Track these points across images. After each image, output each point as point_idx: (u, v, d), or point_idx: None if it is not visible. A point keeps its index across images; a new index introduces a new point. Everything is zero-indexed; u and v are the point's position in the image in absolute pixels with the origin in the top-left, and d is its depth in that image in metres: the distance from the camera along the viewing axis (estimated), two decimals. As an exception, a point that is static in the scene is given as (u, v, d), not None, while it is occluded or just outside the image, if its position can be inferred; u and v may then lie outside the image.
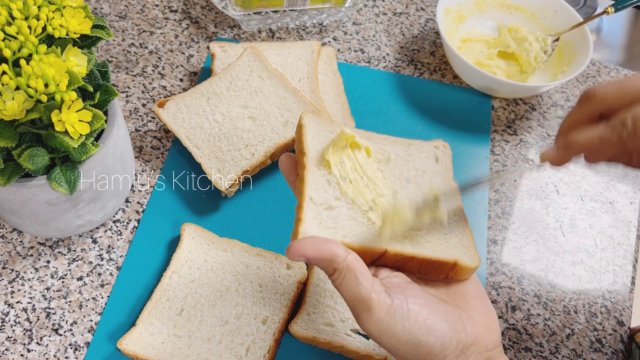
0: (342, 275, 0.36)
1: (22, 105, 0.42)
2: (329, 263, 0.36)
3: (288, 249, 0.36)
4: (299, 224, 0.39)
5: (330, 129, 0.45)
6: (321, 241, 0.36)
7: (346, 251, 0.37)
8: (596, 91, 0.40)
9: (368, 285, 0.36)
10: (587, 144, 0.39)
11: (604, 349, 0.57)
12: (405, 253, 0.40)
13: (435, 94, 0.74)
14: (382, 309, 0.36)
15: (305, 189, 0.41)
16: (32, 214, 0.51)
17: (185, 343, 0.51)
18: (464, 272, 0.41)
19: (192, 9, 0.79)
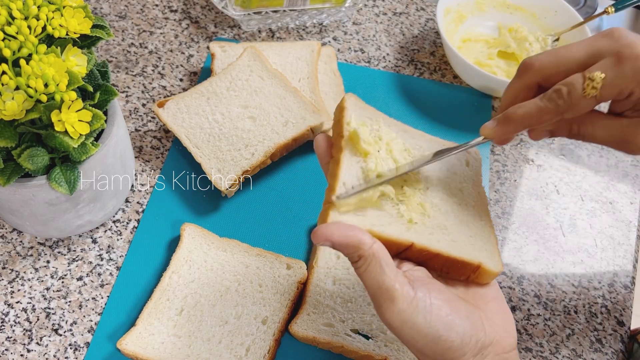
0: (367, 262, 0.36)
1: (22, 105, 0.42)
2: (355, 249, 0.36)
3: (314, 232, 0.36)
4: (329, 207, 0.38)
5: (371, 115, 0.44)
6: (348, 227, 0.36)
7: (372, 239, 0.36)
8: (533, 61, 0.41)
9: (392, 275, 0.36)
10: (525, 116, 0.40)
11: (604, 349, 0.57)
12: (431, 249, 0.39)
13: (435, 94, 0.74)
14: (405, 300, 0.36)
15: (339, 173, 0.40)
16: (32, 214, 0.51)
17: (185, 343, 0.51)
18: (485, 276, 0.41)
19: (192, 9, 0.79)
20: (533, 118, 0.40)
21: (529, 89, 0.42)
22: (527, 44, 0.73)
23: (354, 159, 0.41)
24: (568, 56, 0.40)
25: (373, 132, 0.43)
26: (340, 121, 0.42)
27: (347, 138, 0.41)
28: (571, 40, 0.74)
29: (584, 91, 0.38)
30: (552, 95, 0.39)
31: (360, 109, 0.44)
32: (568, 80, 0.38)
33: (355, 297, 0.54)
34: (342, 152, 0.41)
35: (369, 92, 0.73)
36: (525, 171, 0.68)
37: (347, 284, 0.55)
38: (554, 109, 0.39)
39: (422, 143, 0.46)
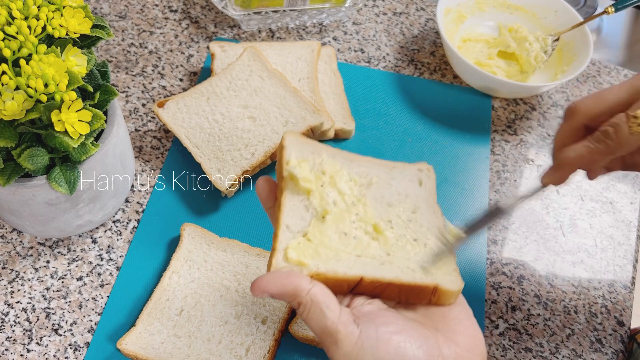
0: (307, 308, 0.36)
1: (22, 105, 0.42)
2: (293, 297, 0.36)
3: (252, 286, 0.36)
4: (272, 255, 0.38)
5: (314, 150, 0.43)
6: (284, 275, 0.36)
7: (310, 283, 0.36)
8: (577, 105, 0.43)
9: (334, 317, 0.35)
10: (577, 158, 0.42)
11: (604, 349, 0.57)
12: (382, 280, 0.38)
13: (435, 94, 0.74)
14: (349, 341, 0.35)
15: (281, 216, 0.39)
16: (31, 214, 0.51)
17: (185, 343, 0.51)
18: (446, 297, 0.40)
19: (192, 9, 0.79)
20: (585, 159, 0.42)
21: (577, 131, 0.43)
22: (527, 44, 0.73)
23: (297, 198, 0.40)
24: (610, 97, 0.41)
25: (316, 166, 0.42)
26: (281, 161, 0.41)
27: (287, 178, 0.40)
28: (571, 40, 0.74)
29: (630, 129, 0.39)
30: (599, 137, 0.40)
31: (302, 144, 0.42)
32: (613, 121, 0.40)
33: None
34: (283, 193, 0.40)
35: (369, 92, 0.73)
36: (525, 171, 0.68)
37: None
38: (604, 149, 0.40)
39: (369, 170, 0.44)
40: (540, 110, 0.74)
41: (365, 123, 0.70)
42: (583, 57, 0.70)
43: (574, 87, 0.77)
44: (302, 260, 0.37)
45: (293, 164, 0.41)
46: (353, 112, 0.70)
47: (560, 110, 0.74)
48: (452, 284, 0.39)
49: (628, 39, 0.95)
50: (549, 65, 0.75)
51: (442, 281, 0.39)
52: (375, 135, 0.69)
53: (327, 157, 0.43)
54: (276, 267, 0.37)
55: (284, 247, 0.38)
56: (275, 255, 0.38)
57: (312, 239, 0.39)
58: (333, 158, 0.43)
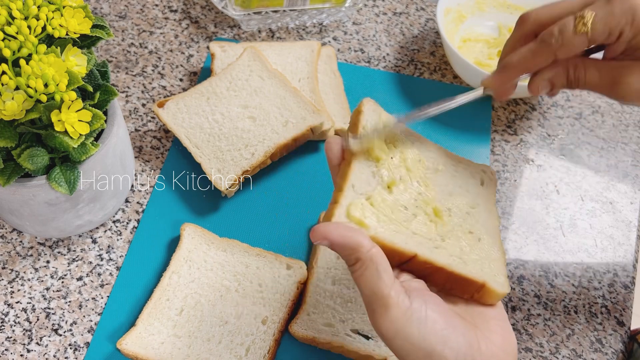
0: (364, 266, 0.35)
1: (22, 105, 0.42)
2: (352, 251, 0.35)
3: (313, 229, 0.35)
4: (335, 207, 0.38)
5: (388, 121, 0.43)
6: (348, 228, 0.35)
7: (371, 243, 0.35)
8: (529, 13, 0.43)
9: (389, 282, 0.35)
10: (521, 60, 0.42)
11: (604, 349, 0.57)
12: (435, 262, 0.38)
13: (435, 94, 0.74)
14: (399, 308, 0.35)
15: (349, 175, 0.39)
16: (31, 214, 0.51)
17: (185, 343, 0.51)
18: (490, 297, 0.40)
19: (192, 9, 0.79)
20: (529, 61, 0.41)
21: (526, 38, 0.43)
22: (527, 44, 0.73)
23: (366, 163, 0.41)
24: (563, 5, 0.41)
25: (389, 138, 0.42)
26: (356, 124, 0.42)
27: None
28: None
29: (575, 28, 0.39)
30: (544, 36, 0.40)
31: (378, 114, 0.43)
32: (560, 21, 0.40)
33: (356, 297, 0.54)
34: (355, 155, 0.40)
35: (369, 92, 0.73)
36: (525, 171, 0.68)
37: (347, 284, 0.55)
38: (547, 49, 0.40)
39: (437, 156, 0.45)
40: (540, 110, 0.74)
41: (365, 123, 0.70)
42: (583, 57, 0.70)
43: (574, 87, 0.77)
44: (363, 221, 0.37)
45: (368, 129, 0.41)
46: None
47: (561, 110, 0.74)
48: (500, 286, 0.40)
49: (628, 39, 0.95)
50: (549, 65, 0.75)
51: (491, 281, 0.39)
52: (375, 135, 0.69)
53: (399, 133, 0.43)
54: (337, 220, 0.37)
55: (348, 203, 0.38)
56: (338, 208, 0.37)
57: (375, 205, 0.39)
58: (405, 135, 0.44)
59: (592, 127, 0.72)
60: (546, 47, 0.40)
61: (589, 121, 0.73)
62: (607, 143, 0.71)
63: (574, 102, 0.75)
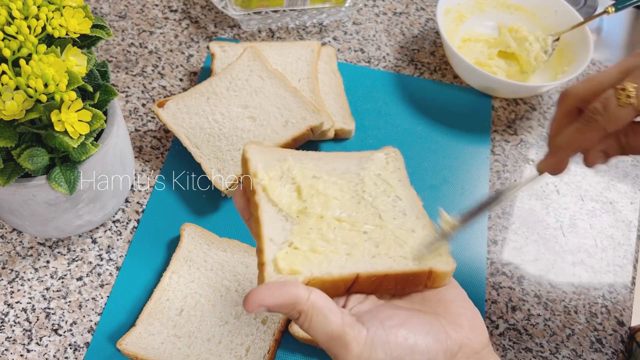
0: (309, 317, 0.34)
1: (22, 105, 0.42)
2: (292, 307, 0.34)
3: (245, 301, 0.33)
4: (262, 269, 0.36)
5: (279, 156, 0.42)
6: (279, 286, 0.34)
7: (308, 290, 0.34)
8: (568, 89, 0.43)
9: (338, 321, 0.34)
10: (570, 140, 0.42)
11: (604, 349, 0.57)
12: (377, 273, 0.38)
13: (435, 94, 0.74)
14: (359, 341, 0.34)
15: (262, 230, 0.38)
16: (31, 214, 0.51)
17: (185, 343, 0.51)
18: (441, 279, 0.40)
19: (192, 9, 0.79)
20: (578, 140, 0.41)
21: (570, 115, 0.43)
22: (527, 44, 0.73)
23: (274, 209, 0.39)
24: (601, 78, 0.41)
25: (284, 173, 0.41)
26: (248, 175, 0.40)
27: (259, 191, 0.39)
28: (571, 40, 0.74)
29: (619, 101, 0.39)
30: (589, 115, 0.40)
31: (265, 153, 0.42)
32: (602, 96, 0.40)
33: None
34: (259, 207, 0.39)
35: (369, 92, 0.73)
36: (525, 171, 0.68)
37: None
38: (595, 127, 0.40)
39: (338, 164, 0.43)
40: (540, 110, 0.74)
41: (365, 123, 0.69)
42: (583, 57, 0.70)
43: (574, 87, 0.77)
44: (294, 269, 0.36)
45: (261, 176, 0.40)
46: (353, 112, 0.70)
47: (561, 110, 0.74)
48: (446, 265, 0.39)
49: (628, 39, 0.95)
50: (549, 65, 0.75)
51: (436, 264, 0.39)
52: (375, 135, 0.69)
53: (293, 161, 0.42)
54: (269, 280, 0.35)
55: (272, 258, 0.37)
56: (265, 268, 0.36)
57: (299, 246, 0.38)
58: (300, 161, 0.42)
59: (592, 127, 0.72)
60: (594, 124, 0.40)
61: (589, 121, 0.73)
62: (607, 143, 0.71)
63: (574, 102, 0.75)
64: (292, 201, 0.40)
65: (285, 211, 0.39)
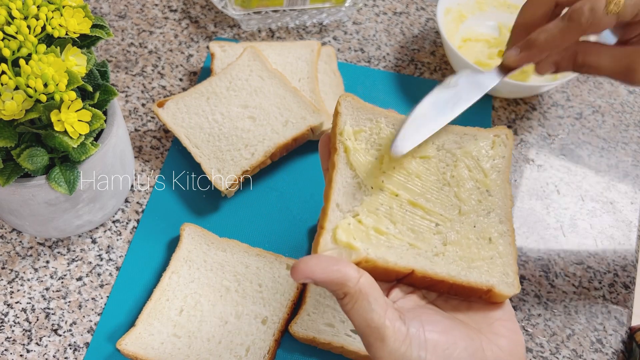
0: (354, 300, 0.33)
1: (22, 105, 0.42)
2: (339, 287, 0.33)
3: (294, 267, 0.33)
4: (320, 234, 0.34)
5: (371, 115, 0.38)
6: (331, 261, 0.33)
7: (359, 272, 0.33)
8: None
9: (381, 311, 0.33)
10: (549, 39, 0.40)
11: (605, 349, 0.56)
12: (434, 275, 0.36)
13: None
14: (396, 338, 0.33)
15: (332, 193, 0.36)
16: (31, 214, 0.51)
17: (185, 343, 0.51)
18: (497, 298, 0.37)
19: (192, 9, 0.79)
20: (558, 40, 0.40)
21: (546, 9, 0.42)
22: (528, 44, 0.73)
23: (349, 173, 0.37)
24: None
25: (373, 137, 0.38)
26: (335, 130, 0.38)
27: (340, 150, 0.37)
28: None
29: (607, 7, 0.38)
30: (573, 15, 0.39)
31: (358, 110, 0.39)
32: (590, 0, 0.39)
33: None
34: (335, 168, 0.36)
35: (369, 92, 0.73)
36: (525, 171, 0.68)
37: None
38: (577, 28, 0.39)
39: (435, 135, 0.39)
40: (540, 110, 0.74)
41: (365, 123, 0.69)
42: (583, 57, 0.70)
43: (574, 86, 0.77)
44: (351, 244, 0.35)
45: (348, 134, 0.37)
46: (353, 112, 0.70)
47: (561, 110, 0.74)
48: (508, 287, 0.36)
49: (628, 38, 0.95)
50: (549, 65, 0.75)
51: (499, 283, 0.36)
52: (376, 135, 0.69)
53: (385, 126, 0.39)
54: (324, 248, 0.34)
55: (333, 227, 0.35)
56: (324, 235, 0.34)
57: (364, 221, 0.36)
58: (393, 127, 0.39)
59: (592, 127, 0.72)
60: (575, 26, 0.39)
61: (590, 121, 0.73)
62: (608, 143, 0.71)
63: (575, 102, 0.75)
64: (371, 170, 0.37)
65: (361, 179, 0.37)
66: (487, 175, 0.39)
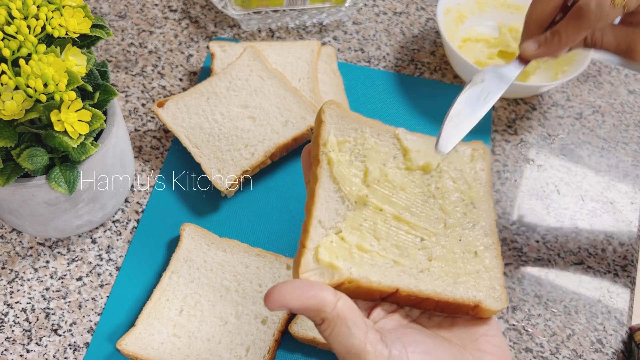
0: (332, 326, 0.32)
1: (22, 105, 0.42)
2: (316, 313, 0.31)
3: (267, 297, 0.31)
4: (302, 253, 0.33)
5: (358, 125, 0.36)
6: (306, 286, 0.32)
7: (336, 296, 0.32)
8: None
9: (362, 336, 0.32)
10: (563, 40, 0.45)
11: (605, 349, 0.56)
12: (420, 293, 0.35)
13: (435, 94, 0.74)
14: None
15: (314, 209, 0.34)
16: (31, 214, 0.51)
17: (185, 343, 0.51)
18: (484, 313, 0.36)
19: (192, 9, 0.79)
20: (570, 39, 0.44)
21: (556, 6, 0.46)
22: (528, 44, 0.73)
23: (333, 187, 0.35)
24: None
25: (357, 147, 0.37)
26: (317, 140, 0.35)
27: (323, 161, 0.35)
28: (571, 40, 0.73)
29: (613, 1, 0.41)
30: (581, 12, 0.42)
31: (342, 119, 0.36)
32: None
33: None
34: (318, 182, 0.35)
35: (369, 92, 0.73)
36: (525, 171, 0.68)
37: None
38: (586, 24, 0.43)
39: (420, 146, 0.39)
40: (540, 110, 0.74)
41: (365, 123, 0.69)
42: (583, 57, 0.70)
43: (575, 87, 0.77)
44: (334, 264, 0.33)
45: (332, 145, 0.36)
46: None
47: (561, 110, 0.74)
48: (496, 302, 0.36)
49: (628, 38, 0.95)
50: (550, 65, 0.75)
51: (486, 298, 0.36)
52: (376, 135, 0.69)
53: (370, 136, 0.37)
54: (306, 269, 0.33)
55: (315, 245, 0.33)
56: (305, 254, 0.33)
57: (346, 238, 0.35)
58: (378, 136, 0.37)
59: (592, 127, 0.72)
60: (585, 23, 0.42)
61: (590, 121, 0.73)
62: (608, 143, 0.71)
63: (575, 102, 0.75)
64: (355, 184, 0.36)
65: (344, 193, 0.35)
66: (471, 187, 0.39)
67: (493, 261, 0.37)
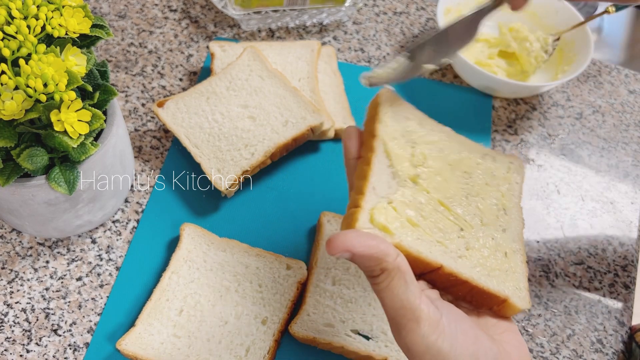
0: (390, 277, 0.31)
1: (21, 105, 0.42)
2: (377, 262, 0.31)
3: (330, 241, 0.31)
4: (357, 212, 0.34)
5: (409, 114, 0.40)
6: (369, 236, 0.32)
7: (396, 251, 0.32)
8: None
9: (417, 293, 0.32)
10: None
11: (605, 349, 0.56)
12: (460, 275, 0.36)
13: (435, 94, 0.74)
14: (431, 322, 0.32)
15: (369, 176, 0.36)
16: (31, 214, 0.51)
17: (185, 343, 0.51)
18: (509, 311, 0.38)
19: (192, 9, 0.79)
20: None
21: None
22: (528, 44, 0.73)
23: (385, 162, 0.37)
24: None
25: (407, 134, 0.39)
26: (374, 118, 0.39)
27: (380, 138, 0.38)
28: (572, 40, 0.73)
29: None
30: None
31: (397, 106, 0.40)
32: None
33: (356, 297, 0.54)
34: (374, 153, 0.37)
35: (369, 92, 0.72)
36: (525, 171, 0.68)
37: (347, 284, 0.55)
38: None
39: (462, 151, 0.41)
40: (540, 110, 0.74)
41: (365, 123, 0.69)
42: (584, 57, 0.70)
43: (575, 86, 0.77)
44: (388, 227, 0.34)
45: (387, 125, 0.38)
46: (353, 112, 0.70)
47: (561, 110, 0.74)
48: (521, 302, 0.37)
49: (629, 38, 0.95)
50: (550, 65, 0.75)
51: (514, 296, 0.37)
52: (376, 135, 0.69)
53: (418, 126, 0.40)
54: (361, 227, 0.33)
55: (371, 207, 0.35)
56: (361, 213, 0.34)
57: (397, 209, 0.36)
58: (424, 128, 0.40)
59: (592, 127, 0.72)
60: None
61: (590, 121, 0.73)
62: (608, 143, 0.71)
63: (575, 102, 0.75)
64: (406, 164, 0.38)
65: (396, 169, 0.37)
66: (504, 195, 0.41)
67: (520, 265, 0.39)
